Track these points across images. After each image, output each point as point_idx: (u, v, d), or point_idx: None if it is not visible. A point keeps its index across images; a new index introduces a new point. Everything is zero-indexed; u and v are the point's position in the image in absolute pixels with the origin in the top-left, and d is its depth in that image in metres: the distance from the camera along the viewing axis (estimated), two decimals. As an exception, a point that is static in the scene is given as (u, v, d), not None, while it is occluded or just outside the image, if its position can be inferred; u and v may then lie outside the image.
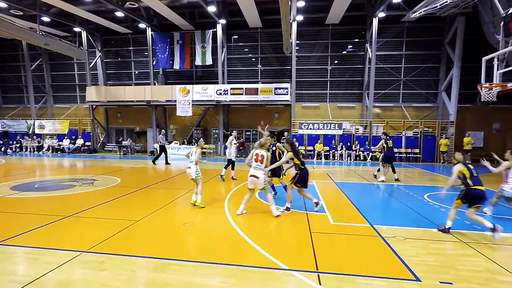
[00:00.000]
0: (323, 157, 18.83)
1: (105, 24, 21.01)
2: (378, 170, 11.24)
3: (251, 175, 6.06)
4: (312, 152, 19.11)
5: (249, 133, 21.93)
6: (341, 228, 5.58)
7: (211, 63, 20.97)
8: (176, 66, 21.69)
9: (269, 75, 21.71)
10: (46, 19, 20.33)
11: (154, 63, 21.59)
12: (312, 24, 20.46)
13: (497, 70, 8.42)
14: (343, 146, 18.84)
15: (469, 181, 5.24)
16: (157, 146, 17.05)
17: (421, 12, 16.06)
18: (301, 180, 6.42)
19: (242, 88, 19.85)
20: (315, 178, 11.54)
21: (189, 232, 5.30)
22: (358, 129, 19.63)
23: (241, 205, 6.24)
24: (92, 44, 22.74)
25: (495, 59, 8.55)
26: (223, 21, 20.03)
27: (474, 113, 18.97)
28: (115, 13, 19.36)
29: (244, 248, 4.55)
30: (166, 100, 20.81)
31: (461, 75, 17.74)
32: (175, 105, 20.28)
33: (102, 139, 23.58)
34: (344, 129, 19.39)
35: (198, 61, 21.20)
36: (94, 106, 22.47)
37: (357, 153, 18.60)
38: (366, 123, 19.55)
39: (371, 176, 12.24)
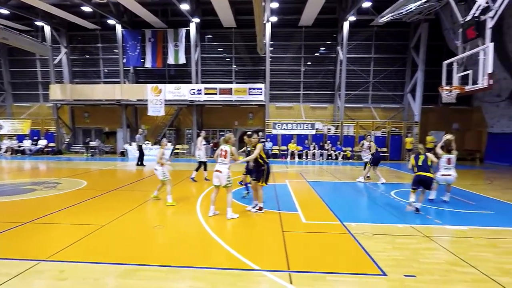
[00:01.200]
0: (296, 156, 19.10)
1: (70, 19, 19.96)
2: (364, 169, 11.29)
3: (215, 170, 5.99)
4: (286, 152, 19.33)
5: (223, 133, 21.73)
6: (313, 226, 5.67)
7: (184, 62, 20.58)
8: (148, 64, 21.07)
9: (243, 75, 21.69)
10: (4, 11, 18.94)
11: (124, 61, 20.82)
12: (286, 26, 20.70)
13: (456, 73, 8.99)
14: (316, 145, 19.23)
15: (415, 168, 6.70)
16: (134, 146, 16.43)
17: (388, 17, 16.80)
18: (268, 176, 6.49)
19: (216, 88, 19.68)
20: (289, 177, 11.69)
21: (159, 235, 5.14)
22: (330, 129, 20.13)
23: (211, 206, 6.14)
24: (57, 39, 21.49)
25: (455, 64, 9.12)
26: (196, 20, 19.73)
27: (436, 114, 20.10)
28: (82, 7, 18.43)
29: (215, 250, 4.49)
30: (137, 100, 20.15)
31: (425, 78, 18.75)
32: (147, 104, 19.70)
33: (67, 140, 22.38)
34: (316, 129, 19.80)
35: (170, 60, 20.73)
36: (59, 105, 21.28)
37: (329, 153, 19.06)
38: (338, 123, 20.09)
39: (342, 175, 12.60)
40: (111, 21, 19.91)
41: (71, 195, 7.94)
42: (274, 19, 19.71)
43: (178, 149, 20.64)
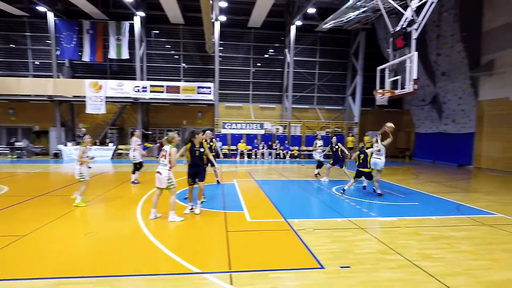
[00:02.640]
0: (245, 156, 19.24)
1: (-11, 2, 17.50)
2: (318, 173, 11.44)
3: (156, 172, 5.74)
4: (235, 152, 19.35)
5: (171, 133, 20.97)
6: (257, 224, 5.72)
7: (127, 57, 19.41)
8: (86, 58, 19.44)
9: (192, 74, 21.20)
10: None
11: (58, 53, 18.90)
12: (235, 26, 20.74)
13: (388, 78, 9.91)
14: (265, 145, 19.60)
15: (356, 163, 8.16)
16: (72, 146, 14.92)
17: (331, 24, 17.83)
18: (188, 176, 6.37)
19: (163, 86, 18.91)
20: (237, 177, 11.70)
21: (91, 243, 4.70)
22: (278, 129, 20.67)
23: (151, 209, 5.84)
24: (-28, 24, 18.68)
25: (387, 70, 10.04)
26: (141, 14, 18.72)
27: (373, 115, 21.89)
28: (4, -10, 16.27)
29: (153, 255, 4.25)
30: (74, 96, 18.45)
31: (363, 83, 20.32)
32: (85, 101, 18.13)
33: (-14, 140, 19.56)
34: (265, 129, 20.18)
35: (112, 54, 19.38)
36: (-25, 100, 18.52)
37: (277, 152, 19.56)
38: (286, 123, 20.73)
39: (289, 173, 12.99)
40: (41, 8, 17.90)
41: (-14, 203, 6.91)
42: (223, 18, 19.61)
43: (121, 149, 19.37)
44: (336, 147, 10.43)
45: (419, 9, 8.97)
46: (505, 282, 3.62)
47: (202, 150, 6.31)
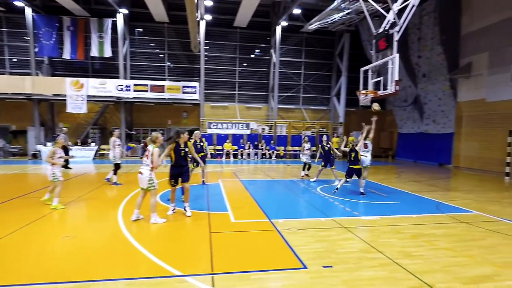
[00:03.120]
0: (231, 156, 19.17)
1: (-38, -4, 16.70)
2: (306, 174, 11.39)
3: (138, 172, 5.62)
4: (221, 152, 19.25)
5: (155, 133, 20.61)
6: (242, 225, 5.69)
7: (110, 55, 18.94)
8: (66, 55, 18.84)
9: (177, 73, 20.93)
10: None
11: (36, 50, 18.24)
12: (221, 25, 20.63)
13: (371, 79, 10.10)
14: (251, 145, 19.58)
15: (348, 162, 8.44)
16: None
17: (316, 25, 18.00)
18: (171, 177, 6.23)
19: (147, 85, 18.59)
20: (222, 177, 11.63)
21: (67, 247, 4.53)
22: (264, 129, 20.71)
23: (135, 210, 5.72)
24: None
25: (370, 71, 10.23)
26: (124, 11, 18.33)
27: (357, 116, 22.20)
28: (-23, -17, 15.56)
29: (134, 258, 4.14)
30: (54, 94, 17.86)
31: (348, 83, 20.61)
32: (66, 100, 17.58)
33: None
34: (251, 129, 20.16)
35: (94, 52, 18.88)
36: None
37: (263, 152, 19.58)
38: (272, 123, 20.78)
39: (275, 173, 13.02)
40: (18, 3, 17.23)
41: (-44, 207, 6.58)
42: (208, 17, 19.47)
43: (103, 149, 18.89)
44: (328, 146, 10.43)
45: (400, 12, 9.17)
46: (480, 278, 3.74)
47: (186, 150, 6.21)
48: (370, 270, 3.90)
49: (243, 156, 19.32)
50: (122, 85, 18.23)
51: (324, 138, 10.54)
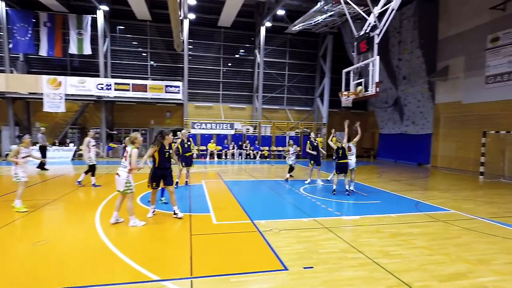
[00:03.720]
0: (215, 156, 19.03)
1: None
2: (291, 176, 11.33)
3: (116, 173, 5.45)
4: (205, 152, 19.07)
5: (134, 133, 20.17)
6: (223, 227, 5.63)
7: (90, 53, 18.38)
8: (43, 52, 18.14)
9: (160, 72, 20.57)
10: None
11: (10, 46, 17.45)
12: (205, 25, 20.45)
13: (353, 81, 10.28)
14: (235, 145, 19.50)
15: (336, 159, 8.56)
16: (36, 147, 13.82)
17: (300, 27, 18.15)
18: (152, 179, 6.06)
19: (129, 84, 18.16)
20: (205, 178, 11.51)
21: (39, 253, 4.31)
22: (248, 129, 20.68)
23: (114, 212, 5.54)
24: None
25: (351, 72, 10.41)
26: (105, 8, 17.84)
27: (340, 116, 22.49)
28: None
29: (111, 263, 4.01)
30: (29, 93, 17.15)
31: (331, 85, 20.88)
32: (42, 98, 16.94)
33: None
34: (235, 129, 20.08)
35: (73, 50, 18.27)
36: None
37: (247, 152, 19.54)
38: (256, 123, 20.78)
39: (259, 173, 13.01)
40: (-10, -3, 16.45)
41: None
42: (192, 16, 19.25)
43: (79, 149, 18.31)
44: (316, 143, 10.47)
45: (381, 16, 9.37)
46: (455, 275, 3.84)
47: (171, 151, 6.07)
48: (350, 270, 3.93)
49: (227, 157, 19.22)
50: (102, 84, 17.73)
51: (312, 135, 10.78)
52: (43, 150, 13.54)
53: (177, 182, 9.36)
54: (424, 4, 15.95)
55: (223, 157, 19.23)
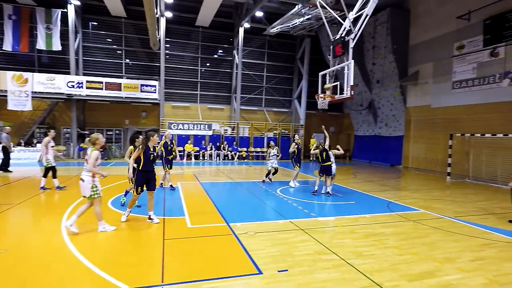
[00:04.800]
0: (193, 157, 18.74)
1: None
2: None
3: (80, 178, 5.11)
4: (182, 153, 18.71)
5: (111, 133, 19.51)
6: (198, 230, 5.52)
7: (59, 48, 17.51)
8: (8, 47, 17.07)
9: (135, 71, 19.98)
10: None
11: (-30, 39, 16.30)
12: (182, 24, 20.11)
13: (329, 84, 10.47)
14: (213, 146, 19.30)
15: (319, 160, 8.86)
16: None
17: (278, 29, 18.28)
18: (137, 183, 5.85)
19: (102, 82, 17.49)
20: (181, 180, 11.28)
21: (-1, 262, 4.05)
22: (226, 130, 20.54)
23: (73, 216, 5.11)
24: None
25: (328, 75, 10.61)
26: (76, 2, 17.08)
27: (317, 118, 22.97)
28: None
29: (77, 272, 3.79)
30: (-9, 90, 16.09)
31: (309, 87, 21.20)
32: (6, 96, 15.93)
33: None
34: (213, 130, 19.89)
35: (41, 45, 17.32)
36: None
37: (225, 153, 19.40)
38: (234, 124, 20.68)
39: (236, 175, 12.93)
40: None
41: None
42: (169, 14, 18.87)
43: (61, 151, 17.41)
44: (298, 144, 10.45)
45: (356, 21, 9.62)
46: (423, 274, 3.97)
47: (155, 154, 5.81)
48: (324, 272, 3.96)
49: (205, 158, 18.98)
50: (73, 82, 16.96)
51: (296, 136, 10.73)
52: (5, 151, 12.72)
53: (161, 184, 9.15)
54: (396, 11, 16.59)
55: (201, 158, 18.97)
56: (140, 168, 5.64)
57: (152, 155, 5.72)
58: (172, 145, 9.01)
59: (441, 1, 14.65)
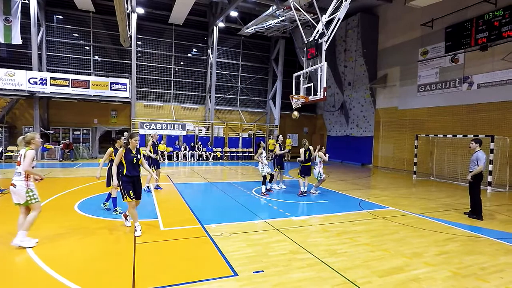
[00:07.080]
0: (166, 158, 18.28)
1: None
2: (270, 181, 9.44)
3: (10, 184, 4.50)
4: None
5: (79, 133, 18.56)
6: (171, 233, 5.37)
7: (20, 42, 16.34)
8: (-40, 39, 15.69)
9: (105, 68, 19.15)
10: None
11: None
12: (155, 21, 19.57)
13: (303, 85, 10.66)
14: (187, 146, 18.95)
15: (302, 161, 8.88)
16: None
17: (252, 29, 18.31)
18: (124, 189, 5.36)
19: (68, 79, 16.60)
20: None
21: None
22: (201, 130, 20.26)
23: (18, 232, 4.48)
24: None
25: (301, 77, 10.79)
26: (38, -7, 16.06)
27: (291, 119, 23.23)
28: None
29: (40, 283, 3.55)
30: None
31: (283, 88, 21.46)
32: (-43, 92, 14.67)
33: None
34: (187, 130, 19.54)
35: (-1, 38, 16.09)
36: None
37: (200, 153, 19.12)
38: (209, 124, 20.44)
39: (211, 175, 12.78)
40: None
41: None
42: (141, 10, 18.30)
43: (11, 151, 16.26)
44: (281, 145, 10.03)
45: (329, 24, 9.85)
46: (393, 270, 4.13)
47: (139, 157, 5.29)
48: (299, 271, 4.00)
49: (179, 158, 18.59)
50: (36, 78, 15.94)
51: (281, 137, 10.47)
52: None
53: (148, 187, 8.95)
54: (366, 16, 17.22)
55: (174, 158, 18.55)
56: (123, 174, 5.17)
57: (134, 158, 5.21)
58: (157, 146, 9.26)
59: (408, 9, 15.39)
